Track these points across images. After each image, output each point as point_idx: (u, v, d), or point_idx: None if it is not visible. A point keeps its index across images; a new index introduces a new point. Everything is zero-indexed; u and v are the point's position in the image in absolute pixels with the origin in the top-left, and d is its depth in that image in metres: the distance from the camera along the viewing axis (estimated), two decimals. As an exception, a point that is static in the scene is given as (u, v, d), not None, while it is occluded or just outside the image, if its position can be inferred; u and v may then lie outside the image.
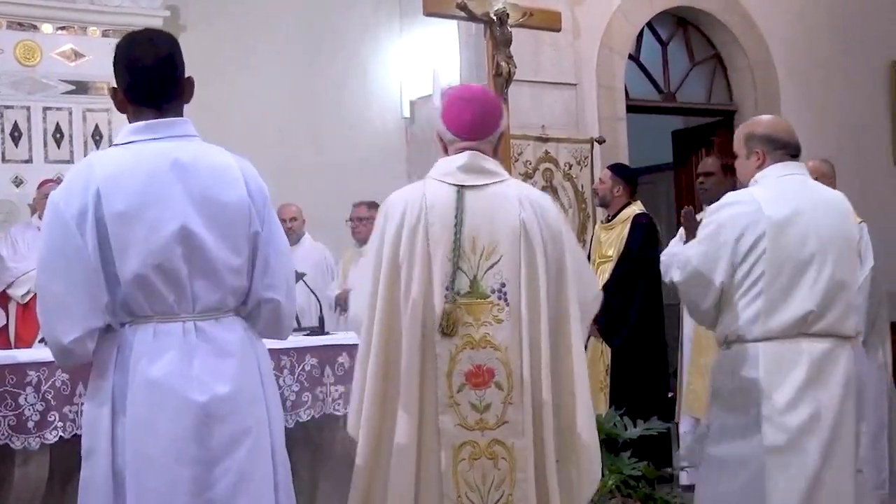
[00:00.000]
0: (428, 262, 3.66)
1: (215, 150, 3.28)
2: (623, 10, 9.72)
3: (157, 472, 3.02)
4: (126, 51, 3.24)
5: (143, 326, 3.07)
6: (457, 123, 3.83)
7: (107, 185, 3.03)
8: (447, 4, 6.97)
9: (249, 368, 3.17)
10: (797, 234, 4.15)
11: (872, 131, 10.97)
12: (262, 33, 9.17)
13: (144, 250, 3.03)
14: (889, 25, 11.16)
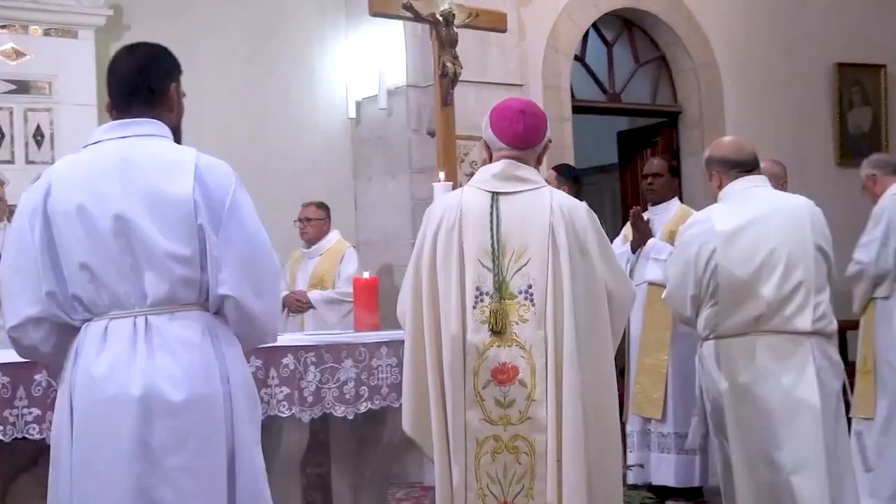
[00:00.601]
0: (461, 264, 3.91)
1: (174, 147, 3.35)
2: (568, 12, 9.76)
3: (99, 470, 3.04)
4: (110, 64, 3.44)
5: (98, 323, 3.13)
6: (509, 134, 4.07)
7: (56, 183, 3.19)
8: (393, 5, 6.97)
9: (203, 367, 3.13)
10: (746, 243, 4.67)
11: (815, 132, 11.08)
12: (207, 33, 9.10)
13: (86, 242, 3.11)
14: (831, 27, 11.28)
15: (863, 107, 11.56)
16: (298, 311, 8.01)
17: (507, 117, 4.11)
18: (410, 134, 8.88)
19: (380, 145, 9.19)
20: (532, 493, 3.82)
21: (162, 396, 3.05)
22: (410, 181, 8.85)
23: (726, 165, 4.88)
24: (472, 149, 8.60)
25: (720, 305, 4.69)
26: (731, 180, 4.85)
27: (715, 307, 4.71)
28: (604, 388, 3.97)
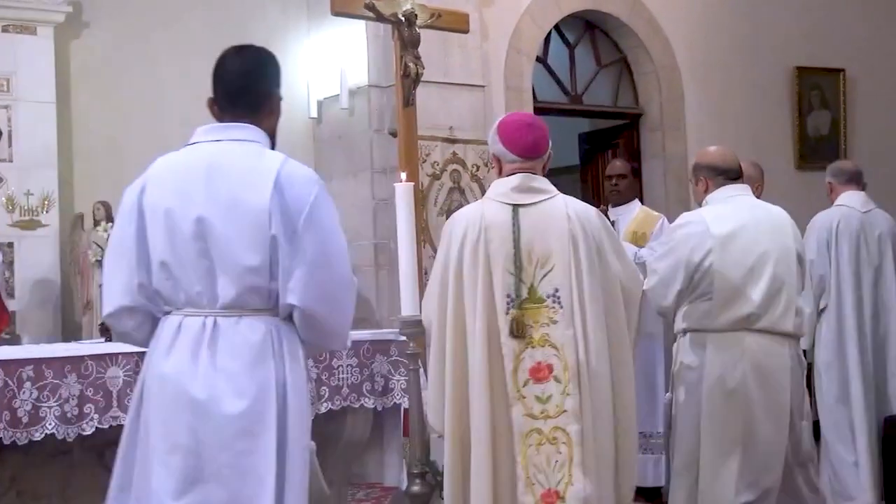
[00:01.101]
0: (489, 274, 4.20)
1: (262, 154, 3.42)
2: (531, 13, 9.77)
3: (157, 458, 3.23)
4: (218, 62, 3.61)
5: (173, 318, 3.32)
6: (520, 146, 4.38)
7: (151, 181, 3.41)
8: (355, 5, 6.93)
9: (260, 371, 3.26)
10: (739, 247, 4.97)
11: (775, 135, 11.16)
12: (167, 31, 9.05)
13: (167, 242, 3.29)
14: (791, 31, 11.35)
15: (822, 110, 11.64)
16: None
17: (517, 130, 4.42)
18: (372, 134, 8.87)
19: (341, 145, 9.18)
20: (571, 480, 4.16)
21: (218, 398, 3.21)
22: (372, 181, 8.83)
23: (713, 172, 5.20)
24: (433, 149, 8.60)
25: (714, 303, 4.96)
26: (717, 186, 5.17)
27: (706, 303, 4.97)
28: (625, 377, 4.36)
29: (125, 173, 9.01)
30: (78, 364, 4.42)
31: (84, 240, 8.63)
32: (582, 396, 4.19)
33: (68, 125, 8.72)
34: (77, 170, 8.80)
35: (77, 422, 4.39)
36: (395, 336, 5.18)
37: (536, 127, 4.47)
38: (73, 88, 8.77)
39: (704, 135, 10.33)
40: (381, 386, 5.20)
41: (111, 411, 4.46)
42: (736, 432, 4.90)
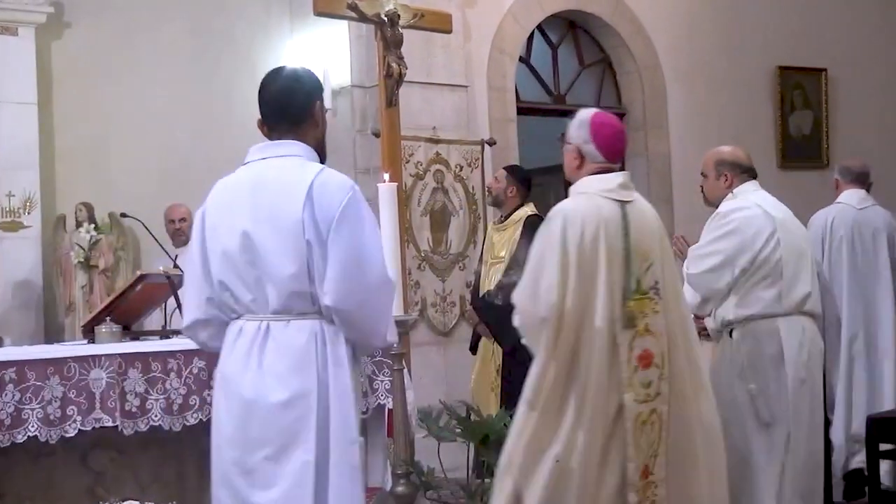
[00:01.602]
0: (608, 268, 4.35)
1: (301, 167, 3.63)
2: (513, 13, 9.77)
3: (219, 451, 3.58)
4: (261, 83, 3.83)
5: (236, 323, 3.61)
6: (613, 150, 4.62)
7: (210, 201, 3.71)
8: (338, 5, 6.93)
9: (305, 371, 3.51)
10: (792, 231, 5.30)
11: (758, 135, 11.17)
12: (150, 32, 9.02)
13: (221, 259, 3.57)
14: (774, 31, 11.38)
15: (804, 110, 11.67)
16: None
17: (613, 136, 4.64)
18: (355, 134, 8.86)
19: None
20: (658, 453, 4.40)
21: (264, 396, 3.48)
22: (355, 181, 8.78)
23: (738, 169, 5.47)
24: (417, 149, 8.60)
25: (782, 285, 5.18)
26: (740, 182, 5.43)
27: (772, 289, 5.18)
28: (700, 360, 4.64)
29: (107, 175, 9.08)
30: (61, 366, 4.42)
31: (66, 241, 8.60)
32: (670, 379, 4.46)
33: (50, 126, 8.69)
34: (59, 171, 8.77)
35: (60, 424, 4.38)
36: (379, 337, 5.16)
37: (625, 133, 4.79)
38: (55, 89, 8.74)
39: (687, 134, 10.36)
40: (366, 386, 5.19)
41: (94, 413, 4.45)
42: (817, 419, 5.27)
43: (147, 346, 4.79)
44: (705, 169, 5.56)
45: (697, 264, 5.26)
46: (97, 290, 8.51)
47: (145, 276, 5.33)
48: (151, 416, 4.57)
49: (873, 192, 7.65)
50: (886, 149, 11.83)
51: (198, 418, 4.70)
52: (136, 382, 4.56)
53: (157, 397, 4.60)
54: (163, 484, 4.98)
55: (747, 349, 5.22)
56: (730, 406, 5.12)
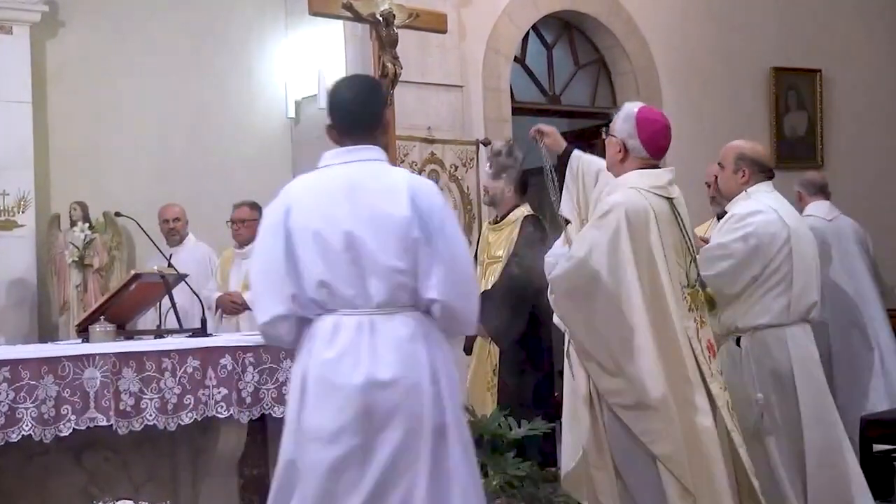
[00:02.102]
0: (665, 262, 4.46)
1: (391, 171, 3.90)
2: (509, 13, 9.77)
3: (324, 439, 3.62)
4: (333, 91, 3.99)
5: (327, 318, 3.70)
6: (658, 146, 4.68)
7: (294, 204, 3.78)
8: (333, 5, 6.93)
9: (414, 361, 3.70)
10: (803, 240, 5.30)
11: (752, 136, 11.04)
12: (145, 31, 9.02)
13: (322, 261, 3.68)
14: (769, 32, 11.39)
15: (798, 111, 11.68)
16: (233, 312, 7.91)
17: (658, 132, 4.69)
18: (350, 134, 8.85)
19: (319, 145, 9.05)
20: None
21: (378, 380, 3.62)
22: (349, 181, 8.82)
23: (758, 167, 5.43)
24: (412, 149, 8.60)
25: (793, 294, 5.20)
26: (756, 181, 5.39)
27: (783, 297, 5.19)
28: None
29: (102, 174, 9.07)
30: (55, 365, 4.41)
31: (60, 240, 8.60)
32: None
33: (44, 125, 8.68)
34: (53, 170, 8.77)
35: (54, 423, 4.37)
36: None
37: (670, 129, 4.77)
38: (50, 88, 8.73)
39: (681, 135, 10.31)
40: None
41: (88, 412, 4.44)
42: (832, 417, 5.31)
43: (141, 345, 4.78)
44: (724, 160, 5.51)
45: (710, 266, 5.17)
46: (91, 289, 8.51)
47: (140, 276, 5.32)
48: (146, 415, 4.56)
49: (868, 196, 7.69)
50: (881, 150, 11.85)
51: (192, 418, 4.69)
52: (131, 382, 4.54)
53: (151, 397, 4.59)
54: (157, 483, 4.98)
55: (756, 359, 5.22)
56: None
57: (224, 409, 4.74)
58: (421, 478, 3.63)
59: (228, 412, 4.75)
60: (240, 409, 4.78)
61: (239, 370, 4.80)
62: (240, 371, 4.80)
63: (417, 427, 3.66)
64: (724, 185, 5.52)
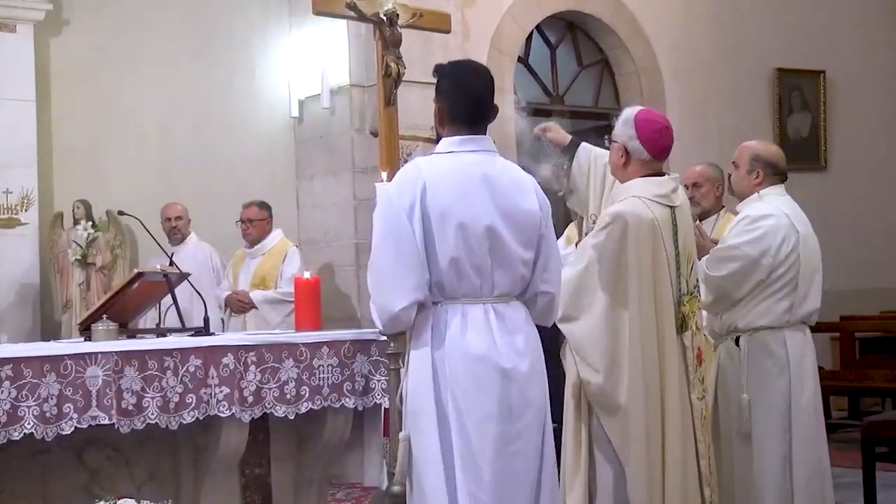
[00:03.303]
0: (667, 270, 4.48)
1: (513, 165, 4.00)
2: (512, 13, 9.78)
3: (475, 427, 3.71)
4: (454, 77, 4.02)
5: (454, 306, 3.78)
6: (658, 147, 4.64)
7: (431, 185, 3.75)
8: (337, 4, 6.94)
9: (535, 344, 3.88)
10: (810, 246, 5.27)
11: (755, 136, 10.97)
12: (148, 29, 9.02)
13: (459, 243, 3.73)
14: (772, 33, 11.39)
15: (802, 112, 11.68)
16: (241, 311, 7.95)
17: (658, 132, 4.65)
18: (353, 133, 8.87)
19: (322, 145, 9.16)
20: (708, 441, 4.64)
21: (517, 368, 3.77)
22: (353, 181, 8.83)
23: (773, 169, 5.38)
24: (415, 149, 8.59)
25: (796, 297, 5.19)
26: (770, 183, 5.35)
27: (786, 300, 5.18)
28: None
29: (105, 172, 9.08)
30: (57, 363, 4.40)
31: (63, 238, 8.60)
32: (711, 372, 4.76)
33: (48, 123, 8.69)
34: (57, 168, 8.77)
35: (56, 421, 4.36)
36: (375, 336, 5.17)
37: (671, 129, 4.73)
38: (53, 87, 8.74)
39: (685, 136, 10.34)
40: (362, 386, 5.18)
41: (90, 411, 4.43)
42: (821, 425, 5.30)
43: (143, 343, 4.78)
44: (738, 159, 5.47)
45: (719, 267, 5.17)
46: (94, 287, 8.52)
47: (142, 275, 5.32)
48: (148, 413, 4.55)
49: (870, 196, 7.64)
50: (885, 151, 11.85)
51: (194, 416, 4.68)
52: (133, 380, 4.53)
53: (153, 395, 4.58)
54: (158, 482, 4.97)
55: (754, 359, 5.21)
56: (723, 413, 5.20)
57: (226, 408, 4.73)
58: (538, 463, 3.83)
59: (230, 411, 4.74)
60: (241, 409, 4.78)
61: (241, 369, 4.79)
62: (242, 370, 4.80)
63: (543, 416, 3.87)
64: (736, 184, 5.48)
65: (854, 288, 10.72)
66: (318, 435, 5.22)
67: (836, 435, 8.35)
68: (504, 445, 3.75)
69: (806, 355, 5.26)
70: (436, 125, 4.04)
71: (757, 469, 5.12)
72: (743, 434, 5.15)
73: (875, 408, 10.41)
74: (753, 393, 5.16)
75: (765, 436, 5.14)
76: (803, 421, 5.18)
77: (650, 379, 4.44)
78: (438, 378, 3.76)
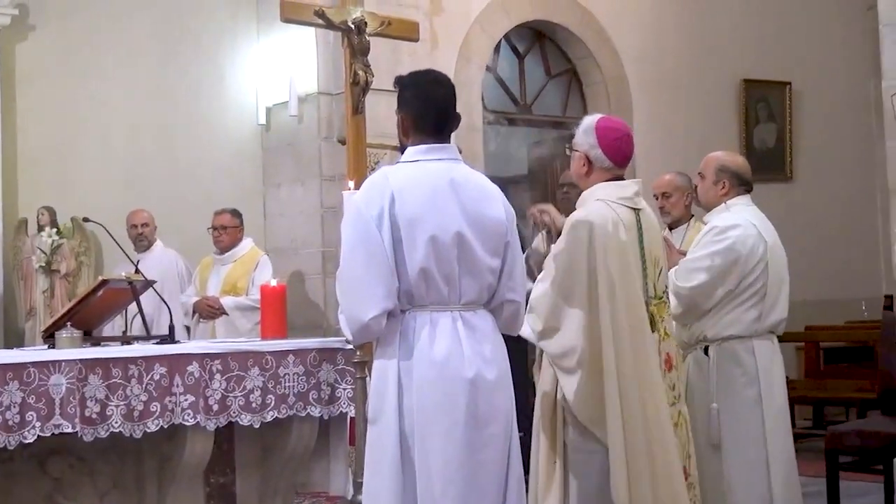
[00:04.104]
0: (634, 272, 4.48)
1: (479, 173, 4.05)
2: (480, 22, 9.78)
3: (440, 435, 3.70)
4: (416, 87, 4.05)
5: (422, 314, 3.78)
6: (620, 155, 4.65)
7: (399, 194, 3.76)
8: (305, 12, 6.91)
9: (502, 353, 3.89)
10: (777, 255, 5.28)
11: (722, 146, 11.04)
12: (116, 35, 8.98)
13: (430, 248, 3.73)
14: (739, 44, 11.46)
15: (768, 123, 11.75)
16: (211, 317, 7.90)
17: (619, 139, 4.67)
18: (321, 141, 8.85)
19: (290, 152, 9.14)
20: (690, 452, 4.66)
21: (484, 376, 3.77)
22: (320, 189, 8.81)
23: (738, 180, 5.40)
24: (382, 157, 8.58)
25: (763, 307, 5.21)
26: (736, 194, 5.36)
27: (754, 309, 5.19)
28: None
29: (70, 178, 9.01)
30: (20, 371, 4.37)
31: (28, 245, 8.54)
32: (682, 379, 4.75)
33: (13, 129, 8.63)
34: (21, 174, 8.71)
35: (18, 430, 4.33)
36: (341, 344, 5.17)
37: (631, 137, 4.76)
38: (19, 92, 8.68)
39: (652, 145, 10.40)
40: (328, 394, 5.18)
41: (53, 419, 4.40)
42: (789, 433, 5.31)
43: (108, 351, 4.75)
44: (704, 170, 5.48)
45: (688, 277, 5.18)
46: (58, 294, 8.46)
47: (107, 282, 5.30)
48: (112, 422, 4.53)
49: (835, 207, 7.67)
50: (849, 162, 11.93)
51: (158, 425, 4.66)
52: (97, 388, 4.51)
53: (117, 403, 4.56)
54: (122, 491, 4.95)
55: (723, 369, 5.22)
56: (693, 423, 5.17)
57: (191, 416, 4.72)
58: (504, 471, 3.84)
59: (195, 420, 4.72)
60: (206, 417, 4.76)
61: (206, 377, 4.78)
62: (207, 378, 4.78)
63: (509, 425, 3.88)
64: (703, 195, 5.49)
65: (819, 298, 10.78)
66: (283, 444, 5.21)
67: (801, 444, 8.36)
68: (470, 454, 3.74)
69: (774, 364, 5.27)
70: (399, 136, 4.02)
71: (727, 479, 5.13)
72: (712, 444, 5.16)
73: (839, 417, 10.45)
74: (722, 402, 5.17)
75: (735, 445, 5.15)
76: (777, 429, 5.21)
77: (630, 381, 4.42)
78: (403, 387, 3.75)
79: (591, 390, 4.39)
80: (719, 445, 5.15)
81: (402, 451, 3.72)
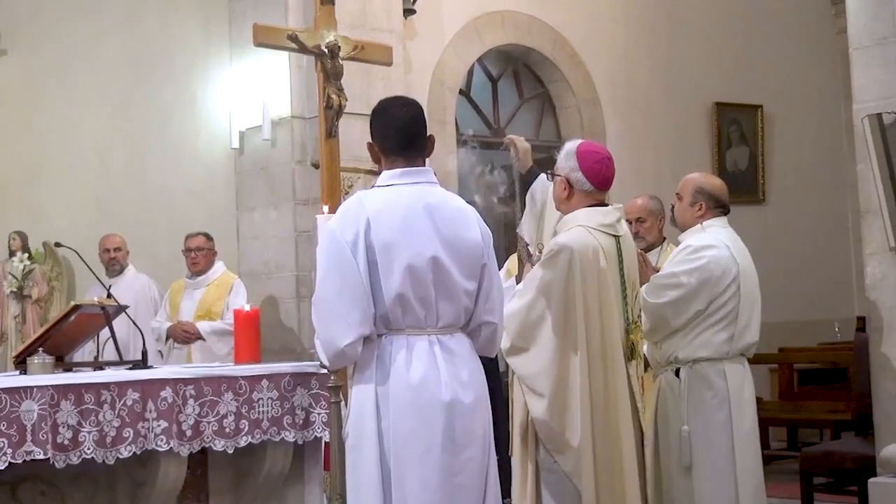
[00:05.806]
0: (613, 299, 4.53)
1: (454, 196, 4.05)
2: (454, 46, 9.80)
3: (417, 459, 3.71)
4: (382, 112, 4.05)
5: (398, 338, 3.79)
6: (600, 178, 4.70)
7: (375, 218, 3.76)
8: (278, 36, 6.92)
9: (479, 376, 3.89)
10: (749, 278, 5.28)
11: (694, 169, 11.10)
12: (87, 60, 8.96)
13: (406, 274, 3.73)
14: (711, 68, 11.52)
15: (740, 145, 11.81)
16: (185, 341, 7.86)
17: (600, 162, 4.72)
18: (294, 165, 8.82)
19: (263, 176, 9.11)
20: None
21: (461, 400, 3.78)
22: (294, 213, 8.78)
23: (715, 202, 5.43)
24: (356, 181, 8.57)
25: (735, 329, 5.21)
26: (713, 215, 5.39)
27: (724, 331, 5.20)
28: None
29: (42, 203, 8.97)
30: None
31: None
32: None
33: (-16, 154, 8.60)
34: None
35: (-11, 456, 4.29)
36: (315, 368, 5.14)
37: (612, 160, 4.79)
38: (-10, 116, 8.66)
39: (625, 168, 10.41)
40: (302, 419, 5.15)
41: (25, 445, 4.36)
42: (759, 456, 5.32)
43: (80, 377, 4.72)
44: (682, 191, 5.51)
45: (659, 294, 5.20)
46: (30, 320, 8.42)
47: (79, 307, 5.27)
48: (84, 448, 4.49)
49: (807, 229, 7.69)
50: (821, 184, 12.00)
51: (131, 451, 4.62)
52: (69, 414, 4.47)
53: (89, 429, 4.52)
54: (94, 518, 4.90)
55: (694, 391, 5.23)
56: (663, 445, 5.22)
57: (164, 442, 4.69)
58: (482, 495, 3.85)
59: (168, 445, 4.69)
60: (180, 443, 4.73)
61: (179, 403, 4.75)
62: (180, 404, 4.75)
63: (487, 448, 3.88)
64: (679, 216, 5.51)
65: (792, 319, 10.82)
66: (257, 469, 5.18)
67: (775, 466, 8.40)
68: (448, 478, 3.74)
69: (745, 387, 5.28)
70: (374, 162, 4.05)
71: (698, 501, 5.13)
72: (683, 466, 5.16)
73: (813, 439, 10.47)
74: (693, 424, 5.17)
75: (706, 468, 5.15)
76: (745, 451, 5.20)
77: (599, 411, 4.46)
78: (381, 411, 3.76)
79: (558, 416, 4.42)
80: (690, 467, 5.15)
81: (383, 475, 3.73)
